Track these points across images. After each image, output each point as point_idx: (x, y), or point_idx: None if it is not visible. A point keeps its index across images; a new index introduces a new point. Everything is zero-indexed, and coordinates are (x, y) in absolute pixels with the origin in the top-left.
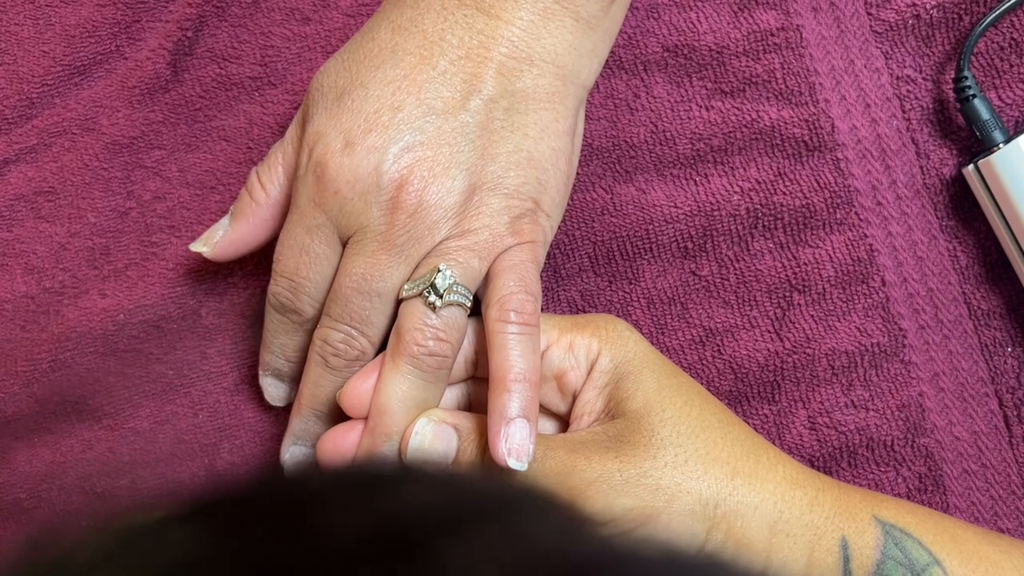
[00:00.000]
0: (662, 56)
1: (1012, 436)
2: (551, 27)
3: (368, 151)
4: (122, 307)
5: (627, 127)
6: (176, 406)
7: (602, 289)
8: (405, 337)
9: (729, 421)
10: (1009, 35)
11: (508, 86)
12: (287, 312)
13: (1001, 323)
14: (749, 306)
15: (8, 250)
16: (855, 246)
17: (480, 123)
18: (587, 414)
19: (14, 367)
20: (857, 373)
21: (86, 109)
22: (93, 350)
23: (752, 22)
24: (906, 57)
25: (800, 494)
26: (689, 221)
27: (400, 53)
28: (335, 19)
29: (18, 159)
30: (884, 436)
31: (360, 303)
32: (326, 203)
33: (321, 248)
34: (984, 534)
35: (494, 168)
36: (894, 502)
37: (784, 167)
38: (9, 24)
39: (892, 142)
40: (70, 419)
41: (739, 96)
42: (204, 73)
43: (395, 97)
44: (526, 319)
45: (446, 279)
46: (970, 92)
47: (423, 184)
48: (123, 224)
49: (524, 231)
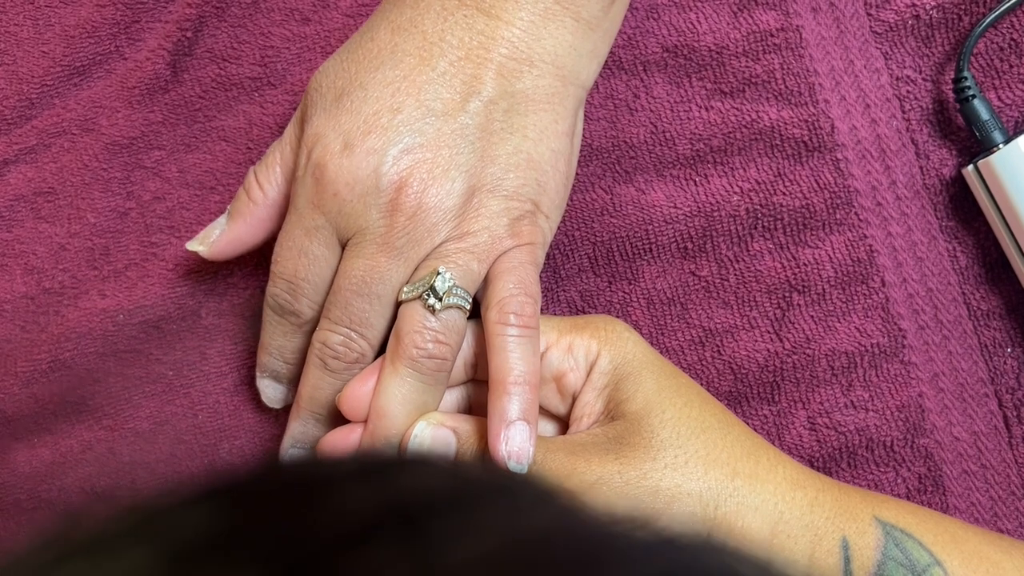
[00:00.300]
0: (662, 56)
1: (1012, 436)
2: (551, 28)
3: (367, 153)
4: (122, 307)
5: (627, 127)
6: (176, 406)
7: (602, 290)
8: (404, 340)
9: (729, 422)
10: (1009, 35)
11: (508, 87)
12: (285, 314)
13: (1001, 323)
14: (749, 307)
15: (8, 250)
16: (855, 246)
17: (479, 125)
18: (587, 416)
19: (14, 367)
20: (857, 374)
21: (86, 109)
22: (93, 350)
23: (752, 22)
24: (906, 57)
25: (800, 495)
26: (689, 221)
27: (399, 54)
28: (335, 19)
29: (18, 159)
30: (884, 437)
31: (359, 305)
32: (325, 205)
33: (320, 250)
34: (985, 534)
35: (493, 170)
36: (895, 502)
37: (784, 167)
38: (9, 24)
39: (892, 142)
40: (70, 419)
41: (739, 96)
42: (204, 73)
43: (394, 99)
44: (525, 321)
45: (445, 282)
46: (970, 92)
47: (422, 186)
48: (123, 224)
49: (523, 233)
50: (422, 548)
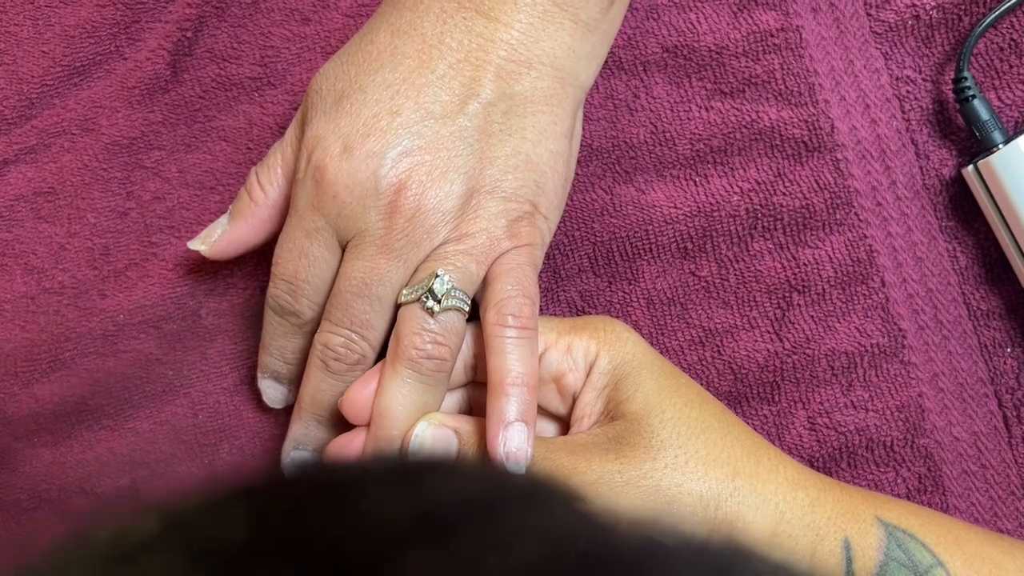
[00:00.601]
0: (662, 57)
1: (1011, 436)
2: (550, 30)
3: (366, 156)
4: (122, 307)
5: (627, 128)
6: (176, 406)
7: (602, 290)
8: (403, 342)
9: (729, 422)
10: (1009, 36)
11: (506, 89)
12: (286, 315)
13: (1001, 323)
14: (749, 307)
15: (8, 250)
16: (855, 247)
17: (478, 127)
18: (587, 416)
19: (14, 367)
20: (857, 374)
21: (86, 109)
22: (93, 350)
23: (752, 23)
24: (906, 58)
25: (802, 495)
26: (689, 222)
27: (399, 57)
28: (335, 20)
29: (18, 159)
30: (884, 437)
31: (360, 307)
32: (325, 207)
33: (320, 251)
34: (987, 535)
35: (492, 171)
36: (896, 503)
37: (784, 168)
38: (9, 24)
39: (892, 143)
40: (70, 419)
41: (739, 97)
42: (204, 73)
43: (393, 101)
44: (524, 323)
45: (444, 284)
46: (969, 93)
47: (421, 188)
48: (123, 224)
49: (522, 234)
50: (466, 556)
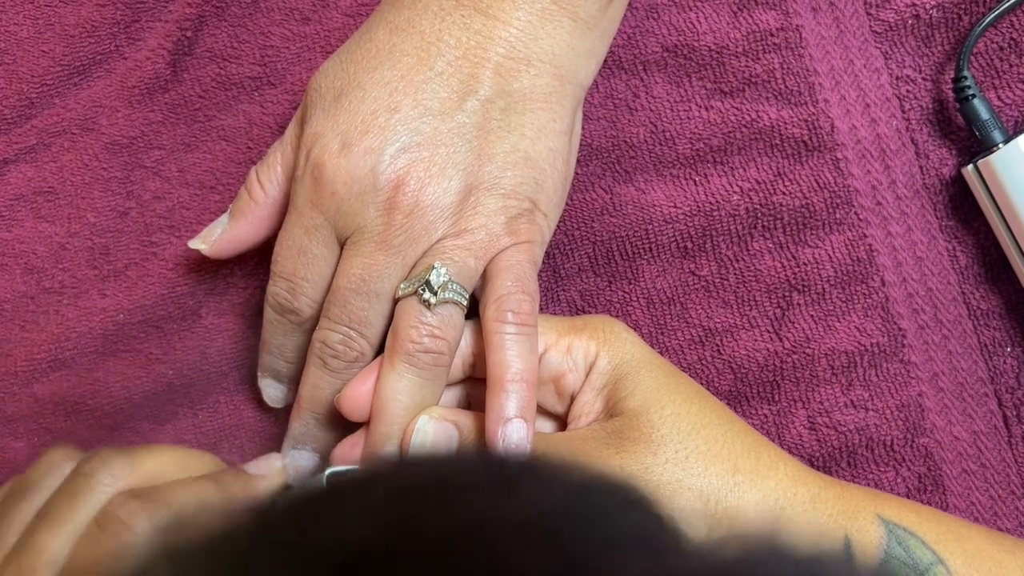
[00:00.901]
0: (662, 56)
1: (1011, 436)
2: (548, 27)
3: (365, 152)
4: (122, 307)
5: (627, 127)
6: (176, 406)
7: (602, 289)
8: (401, 335)
9: (729, 419)
10: (1009, 35)
11: (505, 86)
12: (285, 313)
13: (1000, 323)
14: (748, 306)
15: (8, 250)
16: (854, 246)
17: (477, 123)
18: (584, 415)
19: (14, 367)
20: (857, 373)
21: (86, 109)
22: (93, 350)
23: (752, 22)
24: (906, 57)
25: (802, 491)
26: (689, 221)
27: (397, 54)
28: (334, 19)
29: (18, 159)
30: (884, 436)
31: (358, 304)
32: (323, 204)
33: (319, 249)
34: (988, 533)
35: (491, 168)
36: (897, 501)
37: (784, 167)
38: (9, 24)
39: (892, 142)
40: (70, 419)
41: (739, 96)
42: (204, 73)
43: (392, 98)
44: (523, 319)
45: (440, 276)
46: (969, 92)
47: (420, 185)
48: (123, 224)
49: (521, 231)
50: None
